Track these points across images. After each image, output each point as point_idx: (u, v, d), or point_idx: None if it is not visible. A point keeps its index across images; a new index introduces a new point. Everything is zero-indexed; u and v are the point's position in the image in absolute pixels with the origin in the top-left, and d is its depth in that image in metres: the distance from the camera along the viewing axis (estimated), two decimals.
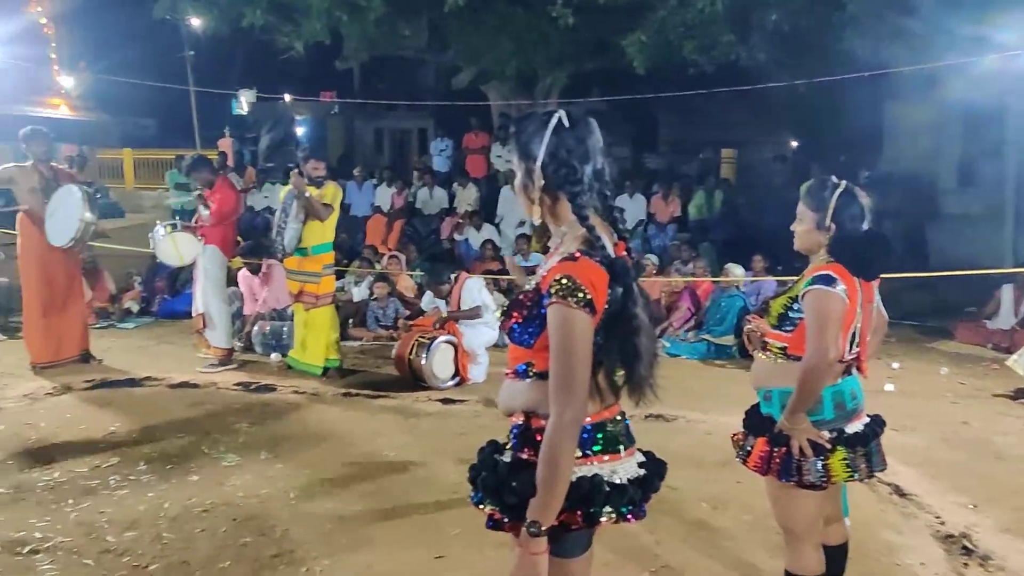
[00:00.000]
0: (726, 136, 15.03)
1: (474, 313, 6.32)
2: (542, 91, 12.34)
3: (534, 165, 1.84)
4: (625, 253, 1.86)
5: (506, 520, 1.84)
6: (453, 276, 6.48)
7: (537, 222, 1.93)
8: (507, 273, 8.98)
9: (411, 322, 7.04)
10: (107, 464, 4.40)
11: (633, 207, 10.99)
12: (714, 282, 7.88)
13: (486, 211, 11.40)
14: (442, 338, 6.18)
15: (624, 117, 13.45)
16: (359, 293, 8.39)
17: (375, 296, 7.94)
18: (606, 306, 1.78)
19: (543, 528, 1.71)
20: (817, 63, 9.34)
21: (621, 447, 1.87)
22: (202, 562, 3.35)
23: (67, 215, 6.09)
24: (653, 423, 4.97)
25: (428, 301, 6.72)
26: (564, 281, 1.72)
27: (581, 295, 1.72)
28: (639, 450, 1.96)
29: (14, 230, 6.44)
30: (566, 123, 1.83)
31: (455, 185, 12.31)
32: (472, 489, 1.94)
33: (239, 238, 7.40)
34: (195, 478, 4.25)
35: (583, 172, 1.83)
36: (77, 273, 6.59)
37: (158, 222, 7.05)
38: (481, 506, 1.89)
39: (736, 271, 7.61)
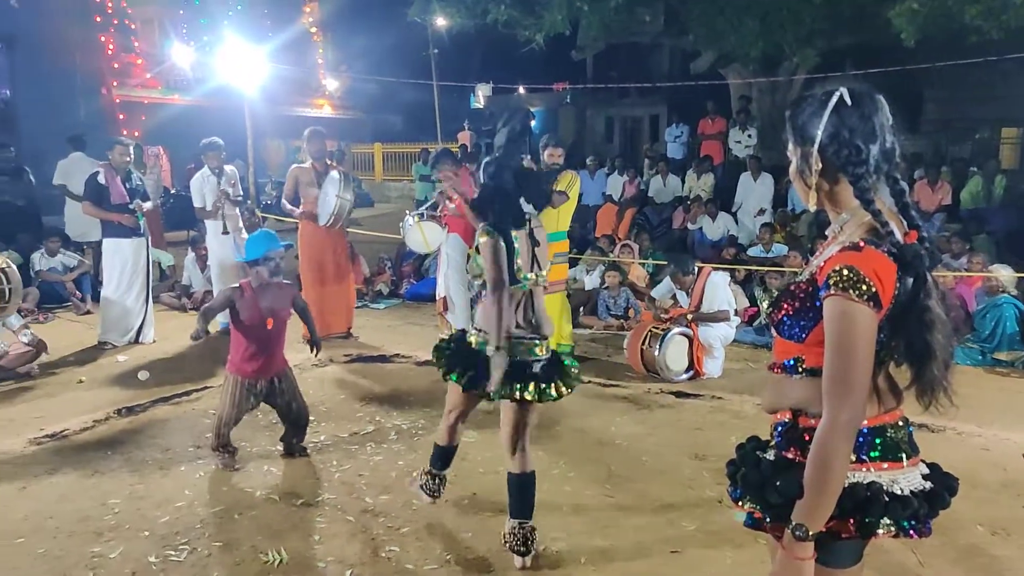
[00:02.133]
0: (1009, 112, 13.12)
1: (722, 316, 6.09)
2: (788, 71, 11.61)
3: (811, 148, 1.71)
4: (918, 242, 1.65)
5: (767, 520, 1.74)
6: (697, 268, 6.27)
7: (813, 209, 1.79)
8: (744, 263, 8.58)
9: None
10: (364, 431, 4.79)
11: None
12: (978, 277, 6.88)
13: (722, 199, 10.97)
14: (677, 330, 6.02)
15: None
16: (591, 282, 8.43)
17: (606, 285, 7.93)
18: (893, 299, 1.62)
19: (810, 533, 1.60)
20: None
21: (903, 455, 1.72)
22: (447, 531, 3.53)
23: (327, 196, 6.70)
24: (915, 432, 4.48)
25: (664, 291, 6.56)
26: (845, 272, 1.59)
27: (864, 287, 1.57)
28: (923, 461, 1.78)
29: (290, 218, 7.23)
30: (848, 100, 1.68)
31: (689, 172, 11.98)
32: (731, 485, 1.85)
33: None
34: None
35: (868, 153, 1.68)
36: (345, 258, 7.19)
37: (407, 212, 7.52)
38: (740, 503, 1.80)
39: (1003, 272, 6.58)
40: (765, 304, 2.98)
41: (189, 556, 3.29)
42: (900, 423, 1.74)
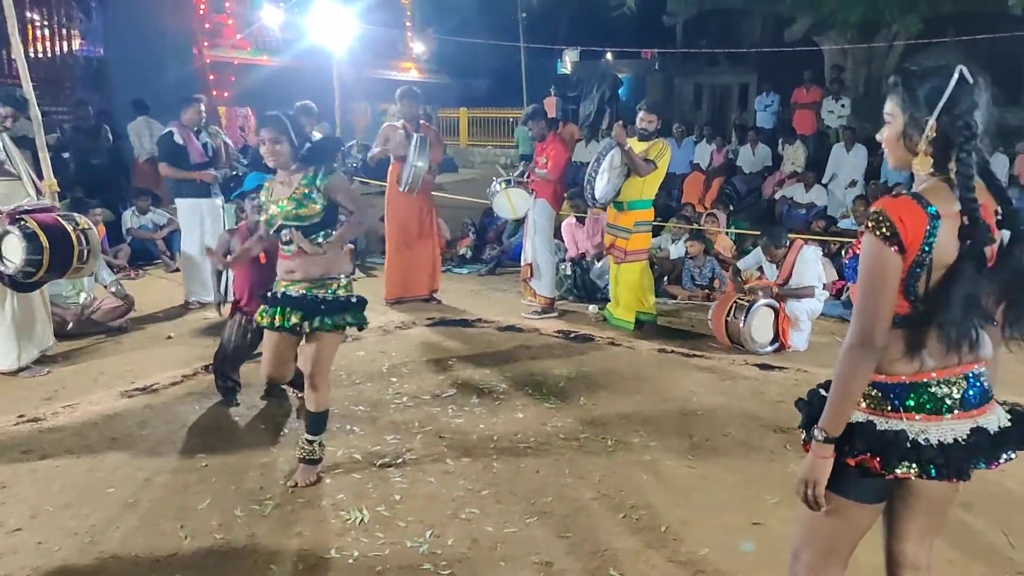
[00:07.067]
0: None
1: (807, 292, 5.89)
2: (885, 39, 11.01)
3: (928, 117, 1.83)
4: (1009, 215, 1.85)
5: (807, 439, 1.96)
6: (788, 241, 6.07)
7: (916, 171, 1.89)
8: (833, 235, 8.25)
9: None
10: (446, 394, 4.83)
11: (993, 168, 9.39)
12: None
13: (813, 170, 10.56)
14: (762, 301, 5.86)
15: (983, 65, 11.50)
16: (676, 251, 8.26)
17: (691, 255, 7.76)
18: (926, 250, 1.76)
19: (828, 437, 1.85)
20: None
21: (946, 411, 1.83)
22: (526, 495, 3.54)
23: (407, 162, 6.71)
24: None
25: (751, 262, 6.37)
26: (874, 213, 1.79)
27: (886, 228, 1.76)
28: (1016, 409, 1.93)
29: (381, 181, 7.29)
30: (969, 79, 1.82)
31: (781, 143, 11.56)
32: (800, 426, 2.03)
33: (565, 194, 7.62)
34: (520, 416, 4.50)
35: (977, 128, 1.81)
36: (429, 221, 7.19)
37: (494, 178, 7.46)
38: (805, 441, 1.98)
39: None
40: None
41: (273, 511, 3.37)
42: (953, 379, 1.84)
